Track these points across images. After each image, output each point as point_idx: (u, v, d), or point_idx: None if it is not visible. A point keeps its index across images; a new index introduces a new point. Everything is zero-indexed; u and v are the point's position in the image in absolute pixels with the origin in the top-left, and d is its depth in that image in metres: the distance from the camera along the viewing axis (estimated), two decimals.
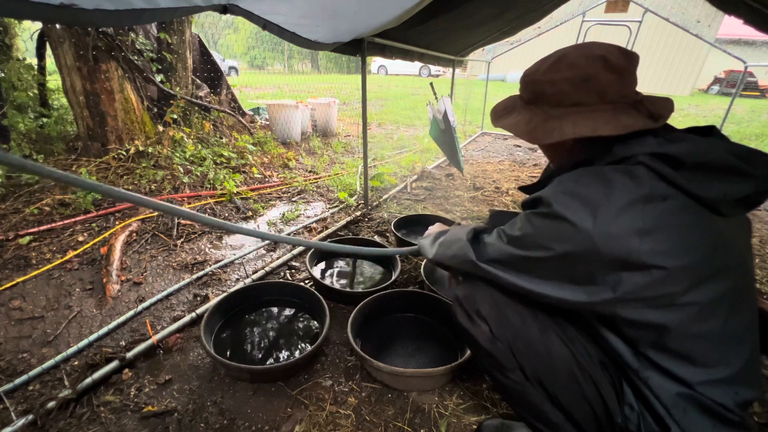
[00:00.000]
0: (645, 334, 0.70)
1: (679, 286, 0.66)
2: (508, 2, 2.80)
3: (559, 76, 0.79)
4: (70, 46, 2.66)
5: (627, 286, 0.67)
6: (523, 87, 0.89)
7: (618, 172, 0.70)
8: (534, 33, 5.66)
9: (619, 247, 0.65)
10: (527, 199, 0.82)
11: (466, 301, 0.93)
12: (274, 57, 10.18)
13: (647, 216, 0.66)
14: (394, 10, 1.59)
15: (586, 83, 0.76)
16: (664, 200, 0.67)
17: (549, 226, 0.73)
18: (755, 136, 6.82)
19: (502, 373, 0.86)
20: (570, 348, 0.79)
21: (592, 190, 0.70)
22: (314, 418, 1.18)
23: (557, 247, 0.71)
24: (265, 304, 1.67)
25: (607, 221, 0.66)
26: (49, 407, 1.14)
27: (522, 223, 0.80)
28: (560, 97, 0.80)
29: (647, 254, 0.65)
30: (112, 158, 2.92)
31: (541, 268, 0.76)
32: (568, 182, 0.75)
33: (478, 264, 0.88)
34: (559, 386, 0.80)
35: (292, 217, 2.68)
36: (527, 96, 0.88)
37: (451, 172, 3.90)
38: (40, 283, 1.80)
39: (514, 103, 0.93)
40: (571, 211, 0.69)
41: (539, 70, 0.83)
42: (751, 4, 2.13)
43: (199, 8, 1.04)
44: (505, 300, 0.87)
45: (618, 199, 0.67)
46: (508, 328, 0.85)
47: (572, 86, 0.78)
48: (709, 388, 0.68)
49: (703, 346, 0.68)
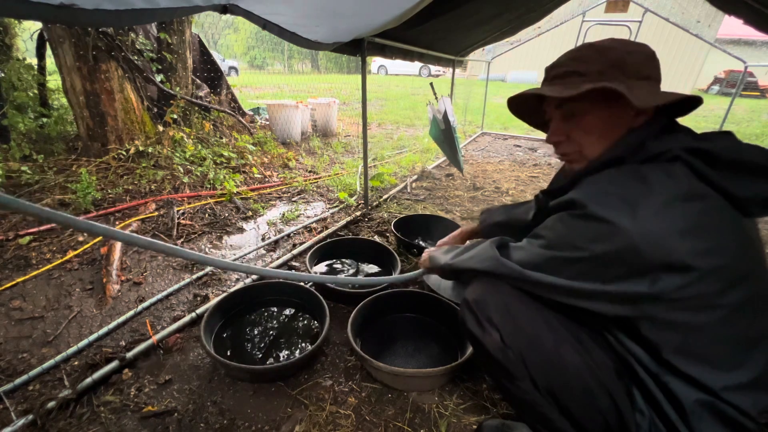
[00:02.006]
0: (671, 337, 0.68)
1: (714, 287, 0.64)
2: (508, 2, 2.80)
3: (633, 48, 0.78)
4: (70, 46, 2.66)
5: (664, 285, 0.64)
6: (590, 59, 0.79)
7: (655, 169, 0.68)
8: (534, 33, 5.66)
9: (660, 246, 0.63)
10: (556, 203, 0.79)
11: (476, 306, 0.89)
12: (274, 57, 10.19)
13: (687, 215, 0.64)
14: (394, 10, 1.59)
15: (652, 61, 0.78)
16: (703, 199, 0.66)
17: (585, 226, 0.70)
18: (755, 136, 6.82)
19: (511, 382, 0.83)
20: (585, 359, 0.76)
21: (628, 188, 0.68)
22: (314, 418, 1.18)
23: (594, 248, 0.68)
24: (265, 304, 1.67)
25: (647, 219, 0.64)
26: (49, 407, 1.14)
27: (554, 223, 0.77)
28: (638, 68, 0.77)
29: (688, 255, 0.62)
30: (112, 158, 2.93)
31: (572, 268, 0.73)
32: (601, 182, 0.72)
33: (501, 260, 0.84)
34: (571, 397, 0.77)
35: (292, 217, 2.68)
36: (598, 67, 0.78)
37: (451, 172, 3.90)
38: (40, 283, 1.80)
39: (563, 81, 0.82)
40: (609, 210, 0.67)
41: (606, 45, 0.79)
42: (751, 4, 2.13)
43: (199, 8, 1.04)
44: (519, 307, 0.84)
45: (657, 197, 0.65)
46: (521, 337, 0.81)
47: (645, 59, 0.77)
48: (731, 394, 0.66)
49: (728, 350, 0.67)
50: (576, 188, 0.77)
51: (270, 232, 2.46)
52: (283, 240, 2.37)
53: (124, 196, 2.68)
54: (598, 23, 6.24)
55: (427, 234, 2.41)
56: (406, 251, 2.15)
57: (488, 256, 0.88)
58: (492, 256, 0.87)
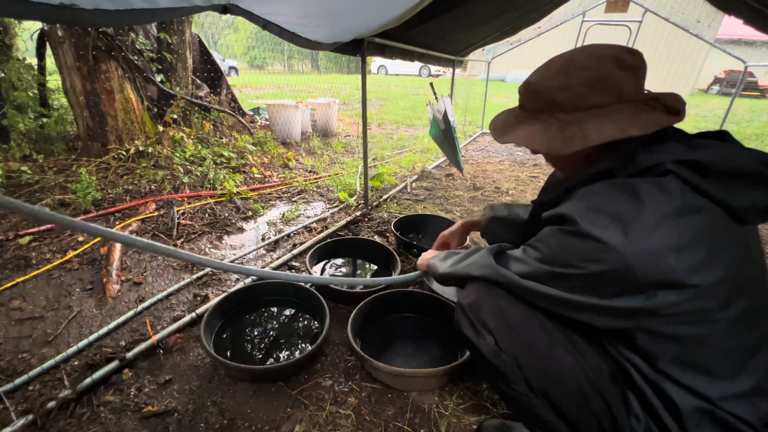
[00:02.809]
0: (667, 348, 0.67)
1: (712, 302, 0.63)
2: (508, 2, 2.79)
3: (571, 79, 0.74)
4: (70, 46, 2.66)
5: (660, 301, 0.63)
6: (527, 97, 0.83)
7: (646, 184, 0.67)
8: (534, 33, 5.67)
9: (655, 265, 0.62)
10: (549, 215, 0.78)
11: (471, 311, 0.89)
12: (274, 57, 10.18)
13: (682, 230, 0.62)
14: (394, 10, 1.59)
15: (603, 83, 0.72)
16: (698, 212, 0.64)
17: (577, 245, 0.69)
18: (755, 136, 6.82)
19: (506, 384, 0.83)
20: (579, 362, 0.76)
21: (620, 204, 0.66)
22: (314, 418, 1.18)
23: (587, 267, 0.67)
24: (265, 304, 1.67)
25: (640, 238, 0.62)
26: (49, 407, 1.14)
27: (548, 237, 0.76)
28: (576, 102, 0.74)
29: (685, 272, 0.61)
30: (112, 158, 2.93)
31: (567, 283, 0.72)
32: (592, 197, 0.70)
33: (499, 270, 0.84)
34: (565, 400, 0.77)
35: (292, 217, 2.68)
36: (534, 105, 0.81)
37: (451, 172, 3.90)
38: (40, 283, 1.80)
39: (515, 117, 0.87)
40: (600, 228, 0.65)
41: (546, 76, 0.78)
42: (751, 4, 2.13)
43: (199, 8, 1.04)
44: (513, 311, 0.83)
45: (650, 213, 0.63)
46: (515, 341, 0.82)
47: (588, 88, 0.73)
48: (729, 403, 0.65)
49: (727, 360, 0.66)
50: (567, 201, 0.75)
51: (270, 232, 2.46)
52: (283, 240, 2.37)
53: (124, 196, 2.68)
54: (598, 23, 6.24)
55: (427, 234, 2.41)
56: (406, 251, 2.15)
57: (485, 264, 0.89)
58: (488, 264, 0.87)
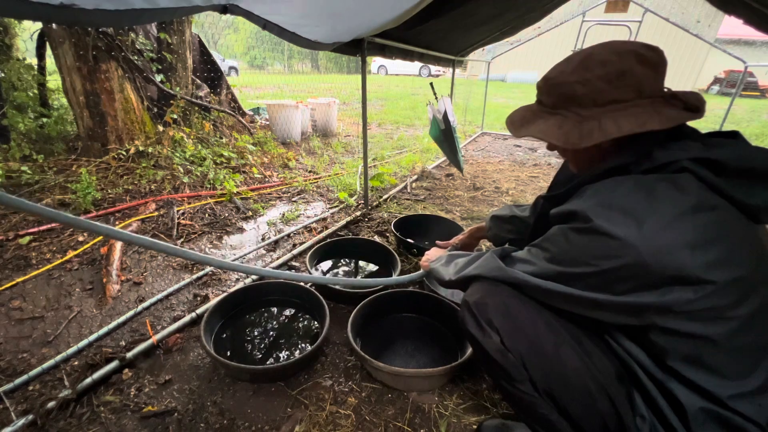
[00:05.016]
0: (679, 346, 0.67)
1: (727, 300, 0.63)
2: (508, 2, 2.80)
3: (590, 74, 0.73)
4: (70, 46, 2.66)
5: (675, 297, 0.63)
6: (545, 92, 0.83)
7: (662, 181, 0.67)
8: (534, 33, 5.66)
9: (671, 261, 0.62)
10: (557, 212, 0.77)
11: (476, 309, 0.88)
12: (274, 57, 10.17)
13: (697, 227, 0.63)
14: (394, 10, 1.59)
15: (622, 78, 0.71)
16: (713, 210, 0.64)
17: (590, 242, 0.68)
18: (755, 136, 6.83)
19: (510, 383, 0.83)
20: (586, 362, 0.76)
21: (633, 200, 0.66)
22: (314, 418, 1.18)
23: (602, 264, 0.67)
24: (265, 304, 1.67)
25: (655, 233, 0.62)
26: (49, 407, 1.14)
27: (557, 236, 0.75)
28: (595, 96, 0.74)
29: (701, 268, 0.61)
30: (112, 158, 2.93)
31: (581, 282, 0.72)
32: (605, 193, 0.70)
33: (507, 269, 0.83)
34: (571, 400, 0.77)
35: (292, 217, 2.68)
36: (552, 100, 0.81)
37: (451, 172, 3.90)
38: (40, 283, 1.80)
39: (532, 112, 0.86)
40: (614, 224, 0.65)
41: (565, 71, 0.78)
42: (751, 4, 2.13)
43: (199, 8, 1.04)
44: (519, 310, 0.83)
45: (664, 210, 0.63)
46: (522, 340, 0.81)
47: (607, 83, 0.72)
48: (738, 401, 0.65)
49: (738, 359, 0.66)
50: (578, 197, 0.75)
51: (270, 232, 2.46)
52: (283, 240, 2.37)
53: (124, 196, 2.68)
54: (598, 23, 6.24)
55: (427, 234, 2.41)
56: (406, 251, 2.15)
57: (493, 267, 0.88)
58: (497, 267, 0.87)
